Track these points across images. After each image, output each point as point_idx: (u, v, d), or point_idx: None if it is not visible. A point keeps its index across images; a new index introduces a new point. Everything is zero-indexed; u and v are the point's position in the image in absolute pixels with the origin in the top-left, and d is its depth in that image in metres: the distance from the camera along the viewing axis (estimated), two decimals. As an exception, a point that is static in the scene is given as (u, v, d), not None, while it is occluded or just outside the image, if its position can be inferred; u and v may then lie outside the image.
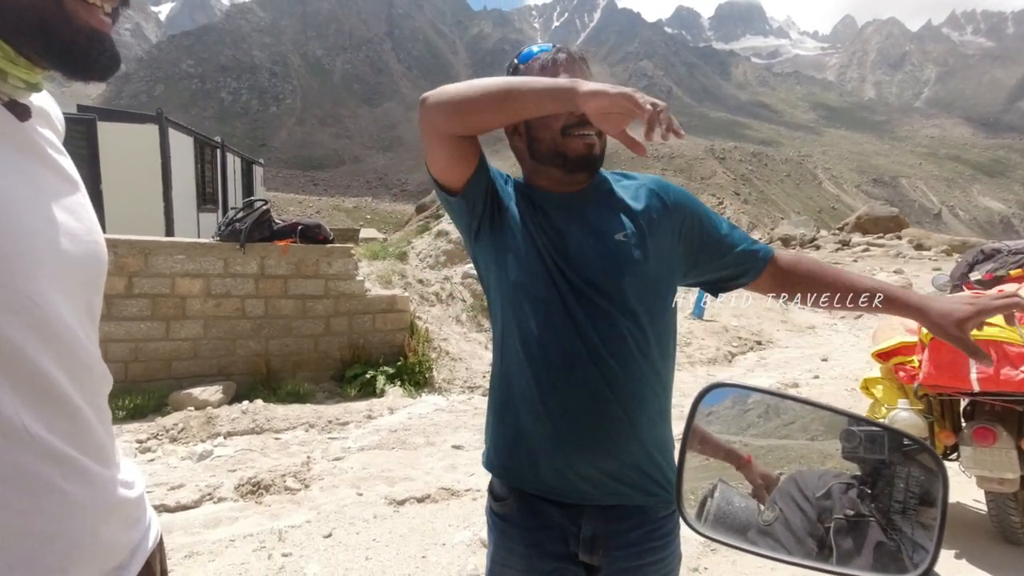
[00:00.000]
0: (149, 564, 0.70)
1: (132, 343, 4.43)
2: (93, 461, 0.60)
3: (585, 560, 1.06)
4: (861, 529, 0.77)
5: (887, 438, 0.86)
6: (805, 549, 0.76)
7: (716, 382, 0.88)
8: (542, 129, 1.06)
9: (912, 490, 0.75)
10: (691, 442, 0.83)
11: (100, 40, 0.58)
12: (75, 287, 0.60)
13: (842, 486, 0.81)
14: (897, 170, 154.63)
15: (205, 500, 3.06)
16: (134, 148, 7.89)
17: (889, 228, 21.66)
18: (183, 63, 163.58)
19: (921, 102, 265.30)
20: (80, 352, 0.59)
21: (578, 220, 1.07)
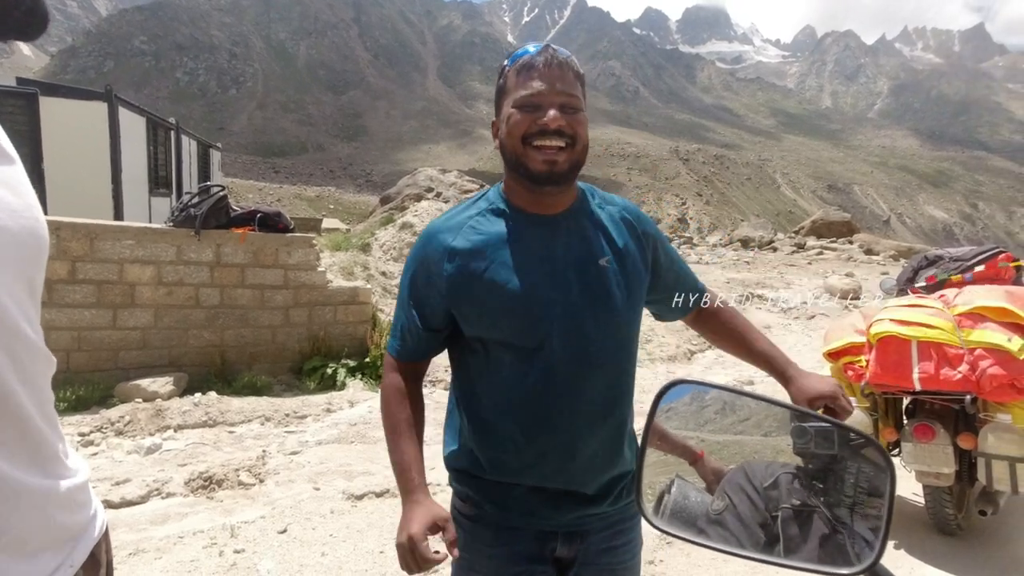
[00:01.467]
0: (94, 554, 0.68)
1: (75, 331, 4.22)
2: (28, 448, 0.57)
3: (563, 555, 1.10)
4: (807, 519, 0.79)
5: (836, 433, 0.88)
6: (753, 538, 0.78)
7: (676, 379, 0.90)
8: (507, 135, 1.03)
9: (861, 485, 0.77)
10: (651, 439, 0.84)
11: None
12: (12, 263, 0.57)
13: (789, 476, 0.83)
14: (850, 177, 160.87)
15: (152, 495, 2.94)
16: (80, 126, 7.49)
17: (842, 233, 22.52)
18: (136, 39, 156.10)
19: (874, 113, 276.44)
20: (17, 332, 0.56)
21: (562, 244, 1.06)
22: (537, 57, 1.02)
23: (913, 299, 2.88)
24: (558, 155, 1.00)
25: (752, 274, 14.00)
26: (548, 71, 1.01)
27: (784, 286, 12.15)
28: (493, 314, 1.04)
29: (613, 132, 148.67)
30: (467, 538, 1.10)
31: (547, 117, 0.99)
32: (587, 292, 1.05)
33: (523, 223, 1.06)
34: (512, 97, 1.02)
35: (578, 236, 1.08)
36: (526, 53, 1.04)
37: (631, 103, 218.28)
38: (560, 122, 0.99)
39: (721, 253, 19.95)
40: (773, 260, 17.77)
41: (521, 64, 1.03)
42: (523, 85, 1.01)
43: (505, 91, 1.05)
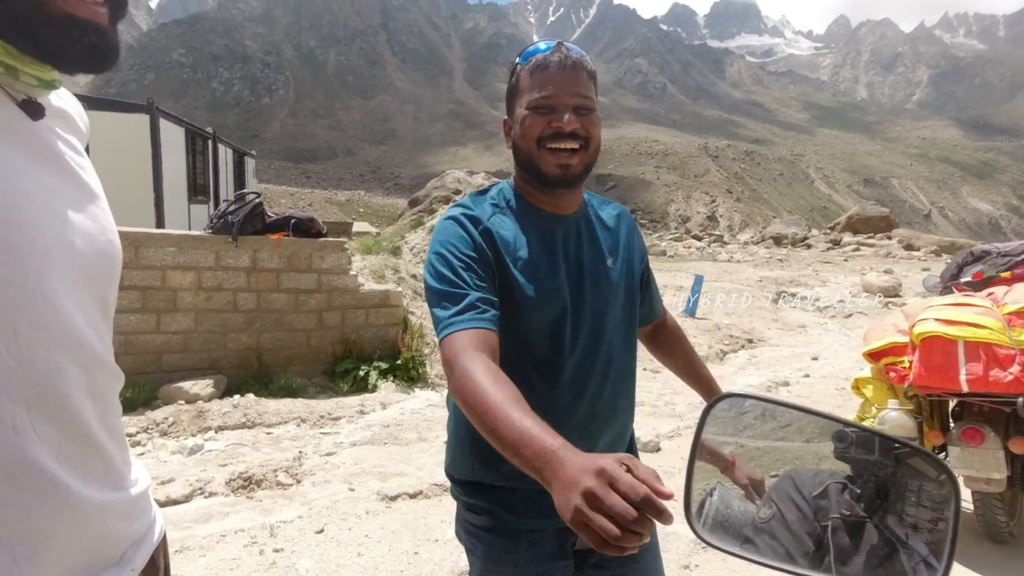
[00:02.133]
0: (153, 559, 0.71)
1: (122, 336, 4.39)
2: (95, 459, 0.60)
3: (583, 546, 1.07)
4: (858, 530, 0.77)
5: (877, 442, 0.86)
6: (802, 548, 0.77)
7: (726, 392, 0.88)
8: (521, 137, 1.02)
9: (911, 497, 0.75)
10: (700, 454, 0.83)
11: (80, 29, 0.55)
12: (88, 285, 0.60)
13: (838, 486, 0.81)
14: (888, 170, 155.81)
15: (196, 495, 3.04)
16: (124, 138, 7.79)
17: (879, 228, 21.85)
18: (174, 52, 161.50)
19: (913, 103, 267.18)
20: (90, 349, 0.59)
21: (582, 240, 1.08)
22: (551, 57, 1.00)
23: (959, 297, 2.78)
24: (571, 158, 1.00)
25: (785, 272, 13.69)
26: (561, 72, 0.99)
27: (819, 284, 11.84)
28: (516, 308, 1.01)
29: (640, 130, 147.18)
30: (487, 550, 1.08)
31: (562, 121, 0.98)
32: (599, 292, 1.07)
33: (542, 222, 1.06)
34: (526, 98, 1.01)
35: (588, 237, 1.09)
36: (538, 51, 1.02)
37: (658, 101, 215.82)
38: (575, 125, 0.98)
39: (753, 251, 19.56)
40: (807, 257, 17.34)
41: (534, 64, 1.01)
42: (537, 86, 1.00)
43: (518, 91, 1.03)
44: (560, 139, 0.98)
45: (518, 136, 1.02)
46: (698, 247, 21.81)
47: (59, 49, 0.55)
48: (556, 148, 0.99)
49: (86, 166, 0.65)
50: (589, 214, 1.12)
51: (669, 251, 19.65)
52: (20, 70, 0.55)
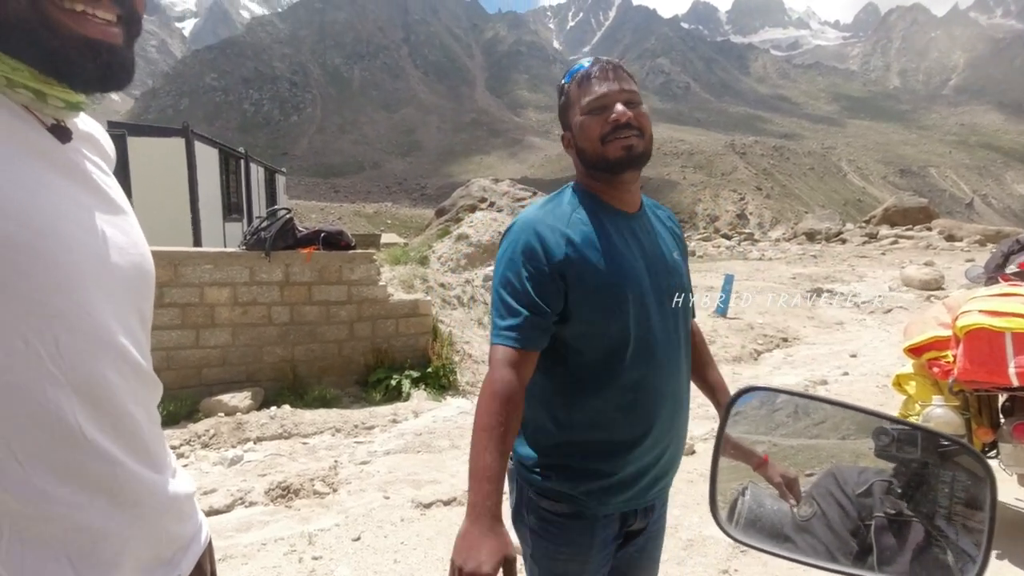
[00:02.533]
0: (200, 564, 0.73)
1: (164, 351, 4.54)
2: (142, 462, 0.63)
3: (638, 527, 1.22)
4: (903, 529, 0.75)
5: (921, 438, 0.83)
6: (845, 547, 0.75)
7: (748, 386, 0.87)
8: (584, 140, 1.13)
9: (958, 495, 0.73)
10: (724, 448, 0.82)
11: (94, 49, 0.57)
12: (123, 296, 0.63)
13: (884, 484, 0.79)
14: (926, 159, 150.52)
15: (237, 504, 3.12)
16: (162, 161, 8.10)
17: (918, 219, 21.09)
18: (207, 76, 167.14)
19: (949, 89, 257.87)
20: (128, 358, 0.62)
21: (647, 238, 1.19)
22: (592, 67, 1.12)
23: (1005, 287, 2.67)
24: (632, 140, 1.10)
25: (820, 268, 13.32)
26: (604, 75, 1.11)
27: (856, 279, 11.48)
28: (604, 301, 1.10)
29: (665, 130, 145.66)
30: (562, 535, 1.16)
31: (616, 112, 1.09)
32: (673, 278, 1.19)
33: (617, 218, 1.16)
34: (579, 106, 1.13)
35: (654, 232, 1.22)
36: (581, 68, 1.14)
37: (682, 100, 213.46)
38: (629, 115, 1.09)
39: (785, 248, 19.11)
40: (843, 252, 16.84)
41: (580, 76, 1.13)
42: (587, 92, 1.12)
43: (570, 104, 1.15)
44: (619, 131, 1.09)
45: (581, 140, 1.13)
46: (728, 246, 21.42)
47: (74, 69, 0.57)
48: (614, 139, 1.10)
49: (112, 185, 0.69)
50: (650, 212, 1.25)
51: (698, 251, 19.35)
52: (47, 94, 0.58)
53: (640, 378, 1.11)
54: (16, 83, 0.56)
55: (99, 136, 0.72)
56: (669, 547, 2.56)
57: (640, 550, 1.26)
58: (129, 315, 0.64)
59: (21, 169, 0.55)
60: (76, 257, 0.57)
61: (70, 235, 0.57)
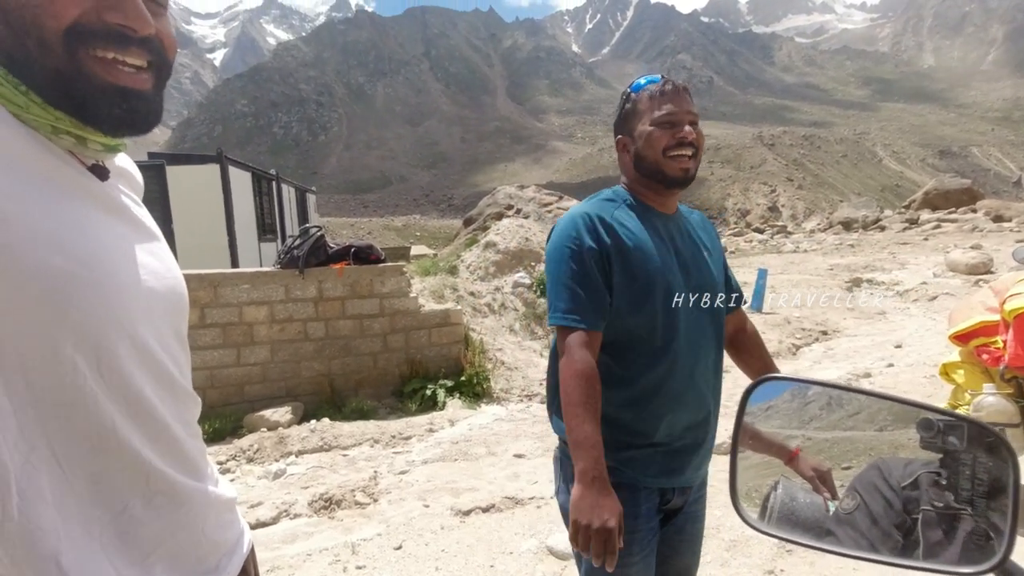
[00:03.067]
0: (245, 569, 0.76)
1: (207, 371, 4.70)
2: (180, 471, 0.67)
3: (676, 504, 1.30)
4: (951, 522, 0.73)
5: (967, 428, 0.81)
6: (890, 541, 0.73)
7: (764, 376, 0.86)
8: (647, 148, 1.25)
9: (980, 477, 0.71)
10: (742, 439, 0.82)
11: (123, 96, 0.60)
12: (162, 318, 0.68)
13: (930, 476, 0.77)
14: (966, 139, 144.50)
15: (282, 516, 3.20)
16: (199, 187, 8.42)
17: (962, 201, 20.25)
18: (238, 103, 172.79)
19: (988, 64, 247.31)
20: (165, 376, 0.67)
21: (685, 235, 1.31)
22: (665, 85, 1.25)
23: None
24: (689, 162, 1.24)
25: (858, 258, 12.90)
26: (676, 95, 1.24)
27: (898, 267, 11.08)
28: (638, 289, 1.20)
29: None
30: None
31: (684, 131, 1.22)
32: (704, 277, 1.28)
33: (656, 218, 1.28)
34: (649, 117, 1.24)
35: (688, 232, 1.33)
36: (652, 81, 1.27)
37: (705, 95, 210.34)
38: (693, 135, 1.23)
39: (820, 239, 18.58)
40: (882, 240, 16.28)
41: (653, 90, 1.25)
42: (659, 107, 1.24)
43: (637, 113, 1.27)
44: (681, 147, 1.22)
45: (644, 148, 1.25)
46: (760, 240, 20.96)
47: (101, 115, 0.61)
48: (678, 155, 1.22)
49: (145, 215, 0.74)
50: (684, 216, 1.36)
51: (730, 247, 19.00)
52: (87, 139, 0.62)
53: (667, 364, 1.21)
54: (60, 130, 0.60)
55: (131, 170, 0.77)
56: (712, 548, 2.52)
57: (679, 531, 1.33)
58: (167, 335, 0.68)
59: (68, 208, 0.60)
60: (119, 284, 0.62)
61: (113, 264, 0.62)
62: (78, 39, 0.57)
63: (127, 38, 0.59)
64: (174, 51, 0.67)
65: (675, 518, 1.32)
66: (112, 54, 0.59)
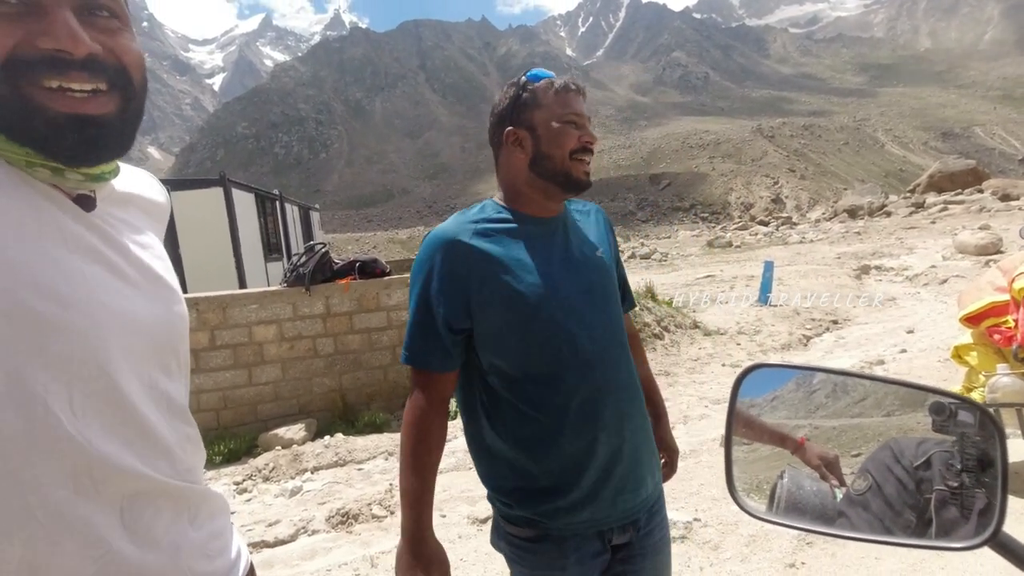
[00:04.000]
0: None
1: (220, 392, 4.74)
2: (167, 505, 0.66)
3: (618, 542, 1.15)
4: (964, 501, 0.73)
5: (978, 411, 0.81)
6: (903, 521, 0.73)
7: (754, 363, 0.86)
8: (554, 146, 1.13)
9: (968, 451, 0.71)
10: (735, 427, 0.82)
11: (76, 124, 0.58)
12: (144, 351, 0.65)
13: (944, 455, 0.77)
14: (969, 119, 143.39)
15: (300, 533, 3.21)
16: (204, 211, 8.50)
17: (968, 182, 20.11)
18: (238, 126, 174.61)
19: (986, 43, 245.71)
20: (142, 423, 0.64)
21: (570, 238, 1.18)
22: (568, 82, 1.16)
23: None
24: (589, 167, 1.18)
25: (865, 245, 12.82)
26: (579, 96, 1.16)
27: (906, 252, 11.01)
28: (519, 312, 1.07)
29: (688, 123, 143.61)
30: (534, 560, 1.13)
31: (590, 136, 1.15)
32: (598, 276, 1.16)
33: (530, 225, 1.15)
34: (553, 112, 1.13)
35: (576, 231, 1.20)
36: (548, 75, 1.17)
37: (702, 91, 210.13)
38: (593, 139, 1.17)
39: (826, 228, 18.48)
40: (888, 226, 16.18)
41: (559, 85, 1.15)
42: (564, 104, 1.14)
43: (538, 105, 1.13)
44: (586, 152, 1.15)
45: (548, 146, 1.13)
46: (765, 233, 20.88)
47: (56, 145, 0.58)
48: (580, 159, 1.14)
49: (146, 242, 0.71)
50: (569, 212, 1.24)
51: (735, 241, 18.92)
52: (63, 169, 0.60)
53: (571, 386, 1.08)
54: (34, 164, 0.58)
55: (145, 193, 0.74)
56: (731, 545, 2.50)
57: (636, 571, 1.18)
58: (152, 368, 0.66)
59: (46, 246, 0.58)
60: (96, 322, 0.60)
61: (92, 302, 0.60)
62: (17, 71, 0.55)
63: (65, 62, 0.56)
64: (139, 68, 0.63)
65: (625, 554, 1.17)
66: (56, 82, 0.56)
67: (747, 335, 6.20)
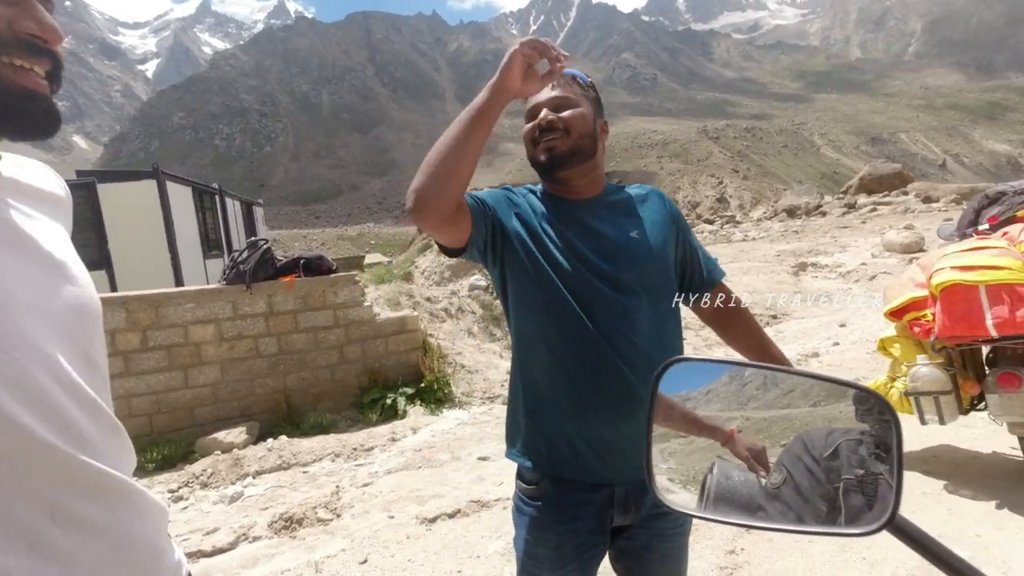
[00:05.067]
0: None
1: (153, 395, 4.49)
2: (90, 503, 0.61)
3: (620, 522, 1.21)
4: (870, 487, 0.76)
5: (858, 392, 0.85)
6: (816, 511, 0.75)
7: (674, 358, 0.88)
8: (526, 145, 1.27)
9: (871, 440, 0.74)
10: (655, 415, 0.84)
11: (35, 100, 0.61)
12: (57, 342, 0.62)
13: (850, 443, 0.79)
14: (895, 126, 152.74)
15: (241, 541, 3.08)
16: (135, 205, 8.04)
17: (894, 185, 21.40)
18: (175, 116, 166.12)
19: (910, 55, 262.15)
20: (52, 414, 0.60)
21: (599, 219, 1.24)
22: None
23: (974, 241, 2.72)
24: (554, 142, 1.20)
25: (803, 243, 13.46)
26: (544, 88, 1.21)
27: (840, 250, 11.61)
28: (531, 276, 1.19)
29: (637, 123, 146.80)
30: (532, 518, 1.22)
31: (539, 118, 1.21)
32: (624, 260, 1.21)
33: (564, 206, 1.25)
34: (525, 114, 1.27)
35: (609, 214, 1.26)
36: (576, 73, 1.27)
37: (650, 92, 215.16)
38: (549, 117, 1.19)
39: (767, 227, 19.28)
40: (824, 225, 17.03)
41: None
42: (529, 100, 1.25)
43: (526, 113, 1.28)
44: (543, 134, 1.20)
45: (525, 145, 1.26)
46: (711, 231, 21.59)
47: (19, 119, 0.61)
48: (540, 141, 1.21)
49: (51, 230, 0.69)
50: (610, 196, 1.30)
51: (682, 239, 19.49)
52: None
53: (575, 350, 1.17)
54: None
55: (32, 182, 0.72)
56: (675, 534, 2.57)
57: (645, 547, 1.24)
58: (66, 355, 0.62)
59: None
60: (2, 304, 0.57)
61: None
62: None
63: (38, 48, 0.61)
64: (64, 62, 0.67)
65: (632, 535, 1.23)
66: (22, 62, 0.60)
67: (692, 330, 6.38)
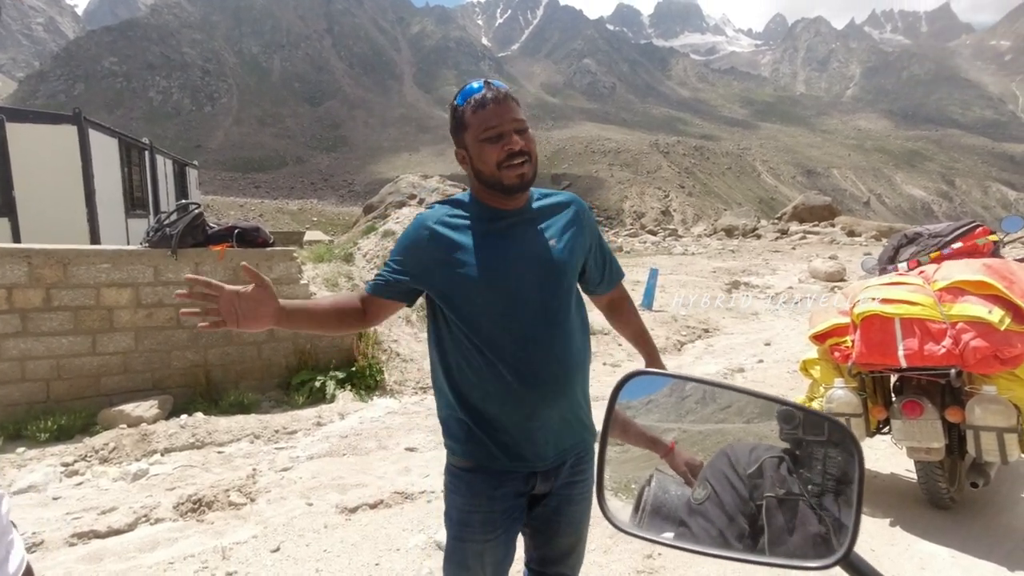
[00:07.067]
0: None
1: (53, 360, 4.13)
2: None
3: (541, 490, 1.36)
4: (793, 508, 0.75)
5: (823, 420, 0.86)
6: (737, 530, 0.74)
7: (634, 371, 0.87)
8: (481, 163, 1.30)
9: (830, 471, 0.74)
10: (612, 430, 0.82)
11: None
12: None
13: (774, 461, 0.79)
14: (829, 161, 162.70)
15: (140, 522, 2.88)
16: (50, 151, 7.35)
17: (824, 216, 22.77)
18: (105, 60, 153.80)
19: (848, 97, 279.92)
20: None
21: (525, 228, 1.35)
22: (486, 95, 1.27)
23: (894, 276, 2.90)
24: (523, 168, 1.28)
25: (738, 262, 14.09)
26: (499, 105, 1.26)
27: (770, 272, 12.24)
28: (467, 288, 1.29)
29: (592, 129, 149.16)
30: (470, 488, 1.33)
31: (511, 143, 1.26)
32: (546, 269, 1.32)
33: (493, 216, 1.34)
34: (475, 132, 1.28)
35: (532, 224, 1.36)
36: (472, 91, 1.29)
37: (608, 100, 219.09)
38: (521, 144, 1.27)
39: (706, 243, 20.07)
40: (758, 247, 17.91)
41: (474, 102, 1.28)
42: (483, 120, 1.27)
43: (465, 126, 1.30)
44: (512, 158, 1.26)
45: (478, 163, 1.30)
46: (653, 242, 22.23)
47: None
48: (510, 165, 1.27)
49: None
50: (534, 205, 1.39)
51: (625, 247, 19.94)
52: None
53: (503, 352, 1.28)
54: None
55: None
56: (595, 536, 2.60)
57: (556, 512, 1.39)
58: None
59: None
60: None
61: None
62: None
63: None
64: None
65: (547, 500, 1.37)
66: None
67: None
